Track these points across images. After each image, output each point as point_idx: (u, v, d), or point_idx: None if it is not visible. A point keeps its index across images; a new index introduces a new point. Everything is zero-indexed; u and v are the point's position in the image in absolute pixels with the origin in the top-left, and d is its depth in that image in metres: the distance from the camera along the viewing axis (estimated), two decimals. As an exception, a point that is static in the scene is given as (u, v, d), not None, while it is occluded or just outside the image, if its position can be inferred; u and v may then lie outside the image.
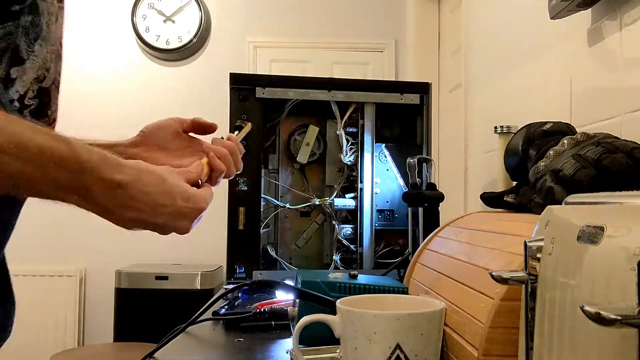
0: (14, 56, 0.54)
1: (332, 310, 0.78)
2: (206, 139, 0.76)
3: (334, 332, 0.61)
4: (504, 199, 0.99)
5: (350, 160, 1.53)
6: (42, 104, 0.60)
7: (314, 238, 1.55)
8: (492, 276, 0.52)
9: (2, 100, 0.55)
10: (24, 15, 0.54)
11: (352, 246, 1.52)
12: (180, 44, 3.22)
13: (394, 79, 3.18)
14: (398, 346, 0.52)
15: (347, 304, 0.60)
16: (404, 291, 0.86)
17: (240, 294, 1.23)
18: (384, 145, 1.54)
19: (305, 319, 0.59)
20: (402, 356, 0.52)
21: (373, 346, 0.52)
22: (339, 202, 1.52)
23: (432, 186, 1.38)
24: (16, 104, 0.56)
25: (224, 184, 1.41)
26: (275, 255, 1.49)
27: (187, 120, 0.75)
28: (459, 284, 0.74)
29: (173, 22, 3.24)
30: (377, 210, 1.52)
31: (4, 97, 0.55)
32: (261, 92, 1.44)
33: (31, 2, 0.55)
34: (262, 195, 1.45)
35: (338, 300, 0.62)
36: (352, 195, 1.53)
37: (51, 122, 0.64)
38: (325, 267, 1.52)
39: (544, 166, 0.81)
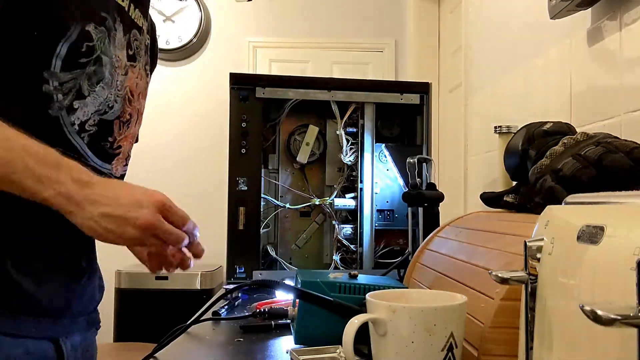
0: (78, 93, 0.71)
1: (332, 310, 0.78)
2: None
3: (376, 331, 0.59)
4: (504, 199, 0.98)
5: (350, 160, 1.53)
6: (102, 132, 0.76)
7: (313, 238, 1.55)
8: (492, 276, 0.52)
9: (64, 121, 0.70)
10: (89, 65, 0.71)
11: (352, 246, 1.52)
12: (180, 44, 3.21)
13: (394, 79, 3.18)
14: (452, 334, 0.57)
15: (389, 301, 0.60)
16: (404, 291, 0.86)
17: (240, 294, 1.23)
18: (384, 145, 1.54)
19: (355, 323, 0.58)
20: (453, 343, 0.57)
21: (432, 338, 0.57)
22: (339, 202, 1.52)
23: (432, 186, 1.38)
24: (76, 127, 0.72)
25: (224, 184, 1.41)
26: (275, 255, 1.49)
27: None
28: (459, 284, 0.74)
29: (173, 22, 3.23)
30: (377, 210, 1.52)
31: (66, 120, 0.71)
32: (261, 92, 1.44)
33: (96, 57, 0.72)
34: (262, 195, 1.45)
35: (372, 300, 0.60)
36: (352, 195, 1.53)
37: (114, 148, 0.79)
38: (325, 267, 1.52)
39: (544, 166, 0.81)
